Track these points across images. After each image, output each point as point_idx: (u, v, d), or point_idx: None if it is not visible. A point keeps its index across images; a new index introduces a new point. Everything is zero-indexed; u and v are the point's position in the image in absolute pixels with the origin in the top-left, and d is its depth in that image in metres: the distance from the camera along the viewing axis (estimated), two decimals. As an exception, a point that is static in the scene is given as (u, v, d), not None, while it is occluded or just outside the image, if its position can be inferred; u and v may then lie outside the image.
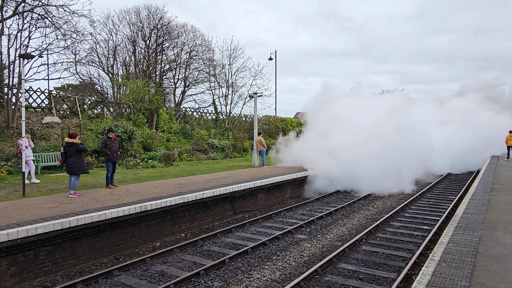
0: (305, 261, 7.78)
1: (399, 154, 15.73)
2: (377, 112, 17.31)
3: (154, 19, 27.93)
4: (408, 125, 17.33)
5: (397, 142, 15.93)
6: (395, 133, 16.17)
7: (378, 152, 15.26)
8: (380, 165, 15.21)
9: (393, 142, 15.83)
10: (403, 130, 16.61)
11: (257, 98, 20.16)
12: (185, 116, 29.32)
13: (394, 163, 15.56)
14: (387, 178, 15.41)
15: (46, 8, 17.20)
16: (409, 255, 7.94)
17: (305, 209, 12.95)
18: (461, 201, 10.45)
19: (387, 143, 15.67)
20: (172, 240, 9.53)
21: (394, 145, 15.76)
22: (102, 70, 27.60)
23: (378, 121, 16.47)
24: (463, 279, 4.52)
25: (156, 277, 6.97)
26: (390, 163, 15.41)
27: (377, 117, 16.76)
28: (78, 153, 9.74)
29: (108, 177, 11.40)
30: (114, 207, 8.43)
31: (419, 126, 18.60)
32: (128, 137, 18.67)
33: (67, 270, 7.37)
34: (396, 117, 17.06)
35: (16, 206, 8.53)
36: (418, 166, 17.40)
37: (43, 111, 20.86)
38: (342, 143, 16.15)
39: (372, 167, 15.20)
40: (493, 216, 7.75)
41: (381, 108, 17.87)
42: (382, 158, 15.23)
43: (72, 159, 9.67)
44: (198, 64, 31.26)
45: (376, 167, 15.21)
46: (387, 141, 15.76)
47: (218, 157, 24.80)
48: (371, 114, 17.07)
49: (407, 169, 16.35)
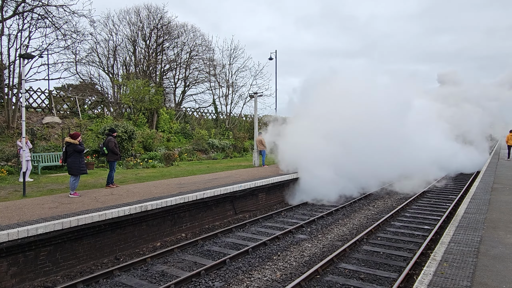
0: (306, 261, 7.76)
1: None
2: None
3: (154, 19, 27.96)
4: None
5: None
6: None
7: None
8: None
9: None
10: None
11: (257, 98, 20.15)
12: (186, 116, 29.31)
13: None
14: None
15: (46, 8, 17.22)
16: (410, 255, 7.92)
17: (306, 209, 12.94)
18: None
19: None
20: (173, 240, 9.52)
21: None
22: (102, 70, 27.65)
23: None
24: (464, 279, 4.50)
25: (157, 277, 6.96)
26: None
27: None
28: (76, 153, 9.75)
29: (112, 176, 11.42)
30: (114, 207, 8.42)
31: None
32: (128, 137, 18.67)
33: (68, 270, 7.36)
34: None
35: (17, 206, 8.52)
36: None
37: (43, 111, 20.86)
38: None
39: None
40: (495, 216, 7.74)
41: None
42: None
43: (70, 159, 9.71)
44: (198, 64, 31.32)
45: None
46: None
47: (218, 157, 24.79)
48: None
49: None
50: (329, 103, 14.65)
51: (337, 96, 14.80)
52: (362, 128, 13.89)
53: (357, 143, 13.90)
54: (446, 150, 20.12)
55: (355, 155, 13.80)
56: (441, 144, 19.90)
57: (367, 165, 14.03)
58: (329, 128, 14.03)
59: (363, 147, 13.86)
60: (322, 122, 14.19)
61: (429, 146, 18.16)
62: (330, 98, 14.83)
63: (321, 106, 14.69)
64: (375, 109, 14.34)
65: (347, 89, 15.05)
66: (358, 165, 13.93)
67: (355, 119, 13.91)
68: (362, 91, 14.80)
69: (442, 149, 19.76)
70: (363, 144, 13.88)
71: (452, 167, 20.15)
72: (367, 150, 13.88)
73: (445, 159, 19.52)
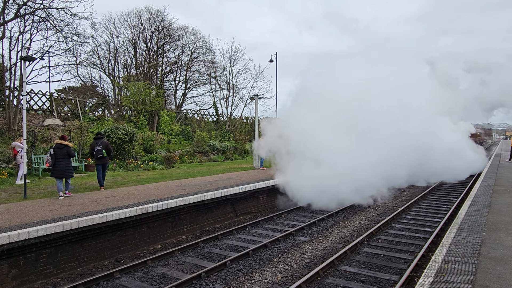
0: (307, 263, 7.75)
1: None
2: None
3: (155, 21, 28.02)
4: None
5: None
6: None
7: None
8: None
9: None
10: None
11: (258, 100, 20.18)
12: (186, 118, 29.34)
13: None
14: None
15: (47, 11, 17.27)
16: (411, 257, 7.91)
17: (306, 211, 12.92)
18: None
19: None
20: (173, 242, 9.51)
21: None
22: (103, 72, 27.70)
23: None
24: (465, 281, 4.50)
25: (157, 279, 6.96)
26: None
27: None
28: (67, 156, 9.86)
29: (104, 177, 11.89)
30: (115, 209, 8.42)
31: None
32: (129, 139, 18.69)
33: (68, 272, 7.35)
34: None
35: (17, 208, 8.52)
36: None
37: (44, 113, 20.90)
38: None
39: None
40: (495, 218, 7.73)
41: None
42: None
43: (65, 162, 9.73)
44: (199, 66, 31.37)
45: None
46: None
47: (219, 159, 24.80)
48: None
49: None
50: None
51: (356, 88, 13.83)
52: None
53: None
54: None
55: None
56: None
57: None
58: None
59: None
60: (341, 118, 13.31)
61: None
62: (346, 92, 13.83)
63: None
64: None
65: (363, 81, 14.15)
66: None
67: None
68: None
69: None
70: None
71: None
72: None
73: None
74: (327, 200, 12.64)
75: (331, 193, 12.53)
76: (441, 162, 17.46)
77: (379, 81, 14.15)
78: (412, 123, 14.69)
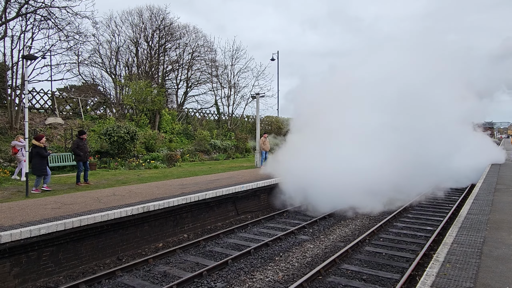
0: (308, 262, 7.75)
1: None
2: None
3: (157, 20, 28.03)
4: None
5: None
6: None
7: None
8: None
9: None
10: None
11: (259, 99, 20.16)
12: (188, 117, 29.34)
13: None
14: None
15: (49, 10, 17.27)
16: (412, 256, 7.90)
17: (308, 209, 12.90)
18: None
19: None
20: (175, 240, 9.53)
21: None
22: (104, 71, 27.74)
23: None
24: (467, 280, 4.48)
25: (159, 277, 6.97)
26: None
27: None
28: (38, 155, 10.37)
29: (79, 176, 12.06)
30: (117, 207, 8.43)
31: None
32: (130, 138, 18.70)
33: (70, 270, 7.37)
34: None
35: (19, 206, 8.55)
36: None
37: (46, 112, 20.93)
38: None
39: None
40: (497, 217, 7.70)
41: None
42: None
43: (34, 160, 10.34)
44: (200, 65, 31.34)
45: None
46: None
47: (220, 157, 24.81)
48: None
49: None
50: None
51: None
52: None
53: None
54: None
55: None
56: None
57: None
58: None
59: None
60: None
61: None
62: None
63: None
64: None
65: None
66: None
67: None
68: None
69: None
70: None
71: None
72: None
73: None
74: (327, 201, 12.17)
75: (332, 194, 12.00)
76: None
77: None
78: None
